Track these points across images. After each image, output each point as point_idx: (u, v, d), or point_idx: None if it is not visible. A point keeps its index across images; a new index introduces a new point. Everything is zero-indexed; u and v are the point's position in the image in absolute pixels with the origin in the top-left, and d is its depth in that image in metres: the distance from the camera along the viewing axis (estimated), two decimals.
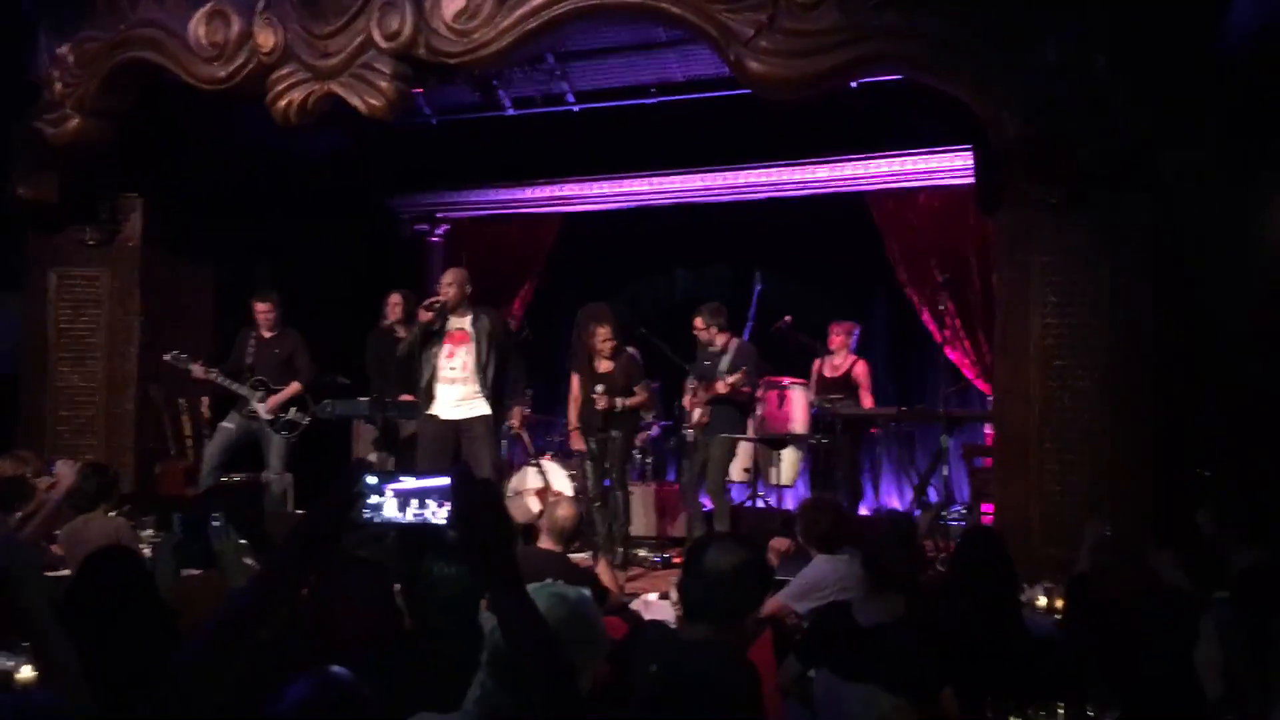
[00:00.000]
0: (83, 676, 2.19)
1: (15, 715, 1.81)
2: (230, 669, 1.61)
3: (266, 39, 6.27)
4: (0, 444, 6.76)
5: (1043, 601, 4.69)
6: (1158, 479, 5.46)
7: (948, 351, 8.79)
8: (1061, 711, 2.97)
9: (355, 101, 6.18)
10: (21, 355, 8.00)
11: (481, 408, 6.65)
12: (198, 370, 7.42)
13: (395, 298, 7.89)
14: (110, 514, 5.63)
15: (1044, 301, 5.82)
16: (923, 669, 3.40)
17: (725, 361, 7.41)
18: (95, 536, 4.76)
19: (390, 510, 1.74)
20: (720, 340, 7.46)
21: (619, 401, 6.87)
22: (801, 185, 9.46)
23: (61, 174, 7.37)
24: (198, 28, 6.49)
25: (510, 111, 9.07)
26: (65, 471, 5.18)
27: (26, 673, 3.16)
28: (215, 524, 3.24)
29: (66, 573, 4.33)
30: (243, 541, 3.24)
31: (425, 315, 6.59)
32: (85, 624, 2.45)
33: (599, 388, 6.86)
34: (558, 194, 10.34)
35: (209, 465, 7.44)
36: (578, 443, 7.82)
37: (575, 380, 7.36)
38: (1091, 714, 3.01)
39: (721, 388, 7.18)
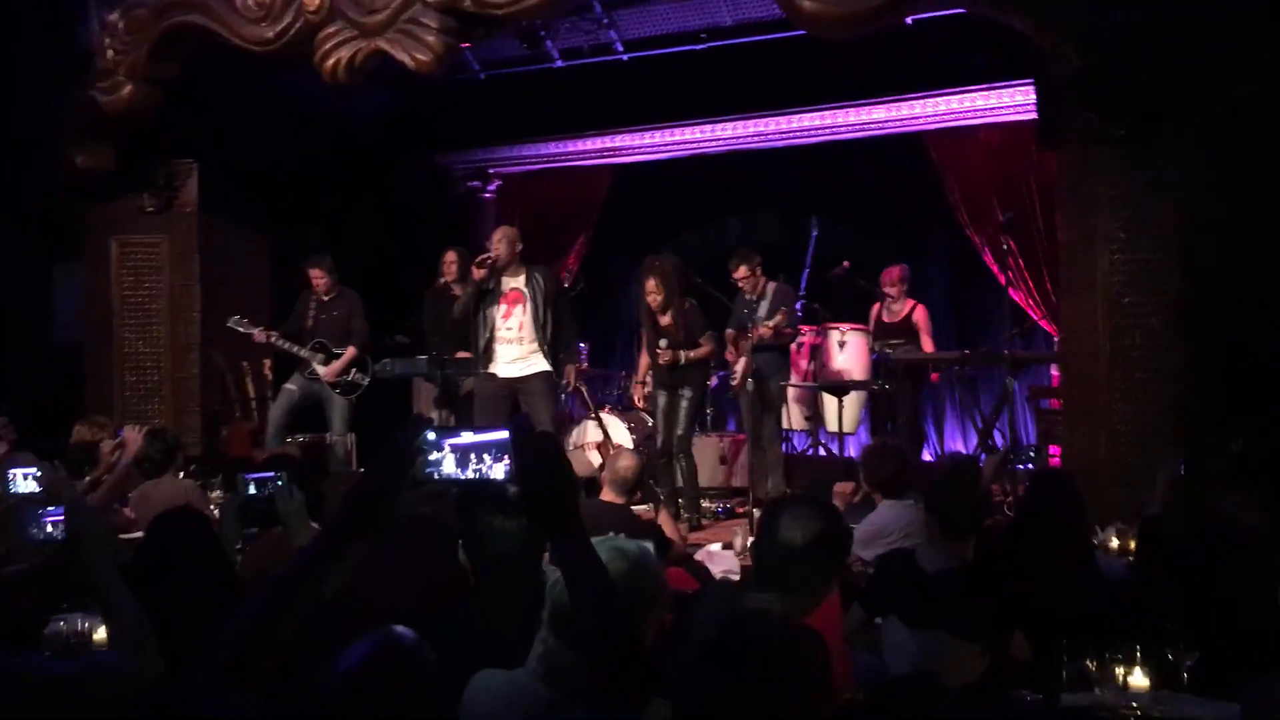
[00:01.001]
0: (150, 637, 2.21)
1: (85, 676, 1.83)
2: (288, 628, 1.60)
3: None
4: (71, 411, 6.89)
5: (1115, 543, 4.62)
6: (1231, 416, 5.31)
7: (1011, 293, 8.62)
8: (1139, 654, 2.91)
9: (402, 57, 6.13)
10: (86, 323, 8.14)
11: (539, 364, 6.65)
12: (259, 334, 7.50)
13: (450, 256, 7.89)
14: (179, 476, 5.74)
15: (1111, 238, 5.65)
16: (990, 614, 3.34)
17: (764, 307, 7.32)
18: (165, 499, 4.83)
19: (449, 466, 1.71)
20: (760, 285, 7.40)
21: (683, 355, 6.78)
22: (857, 127, 9.27)
23: (117, 142, 7.45)
24: None
25: (558, 63, 8.99)
26: (132, 436, 5.26)
27: (103, 634, 3.21)
28: (279, 484, 3.26)
29: (139, 535, 4.41)
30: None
31: (479, 273, 6.58)
32: (153, 585, 2.47)
33: (661, 342, 6.80)
34: (609, 145, 10.24)
35: (274, 427, 7.54)
36: (638, 397, 7.79)
37: (645, 335, 7.31)
38: (1170, 657, 2.95)
39: (764, 332, 7.09)
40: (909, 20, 7.16)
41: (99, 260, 7.99)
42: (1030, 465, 7.26)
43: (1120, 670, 2.89)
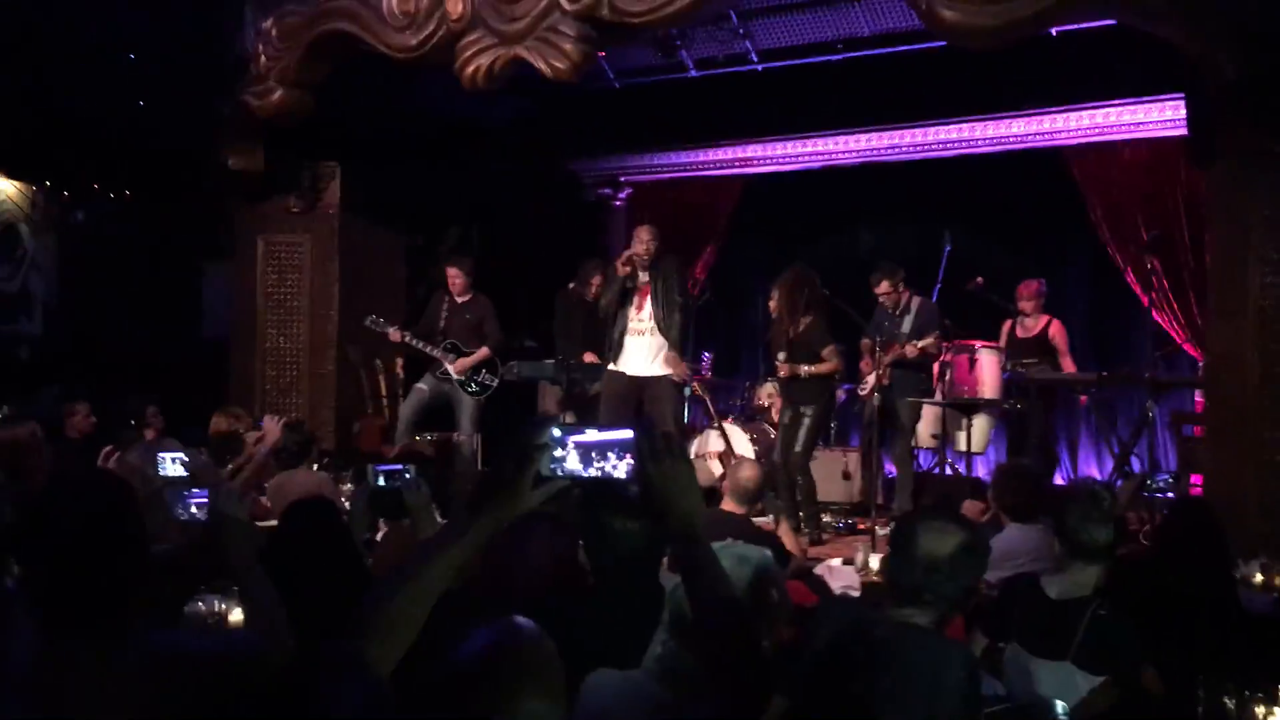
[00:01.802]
0: (283, 619, 2.29)
1: (221, 654, 1.91)
2: (416, 615, 1.64)
3: (455, 6, 6.38)
4: (216, 403, 7.19)
5: (1259, 578, 4.41)
6: None
7: (1154, 314, 8.31)
8: None
9: (540, 65, 6.22)
10: (233, 319, 8.49)
11: (666, 366, 6.70)
12: (394, 333, 7.68)
13: (598, 278, 7.88)
14: (313, 468, 5.93)
15: (1265, 259, 5.39)
16: (1119, 646, 3.21)
17: (908, 322, 7.19)
18: (299, 489, 4.99)
19: (573, 464, 1.71)
20: (903, 299, 7.28)
21: (802, 369, 6.69)
22: (995, 141, 9.06)
23: (266, 144, 7.75)
24: None
25: (693, 73, 9.02)
26: (271, 427, 5.46)
27: (238, 615, 3.34)
28: (407, 477, 3.33)
29: (274, 523, 4.58)
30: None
31: (623, 269, 6.67)
32: (285, 570, 2.56)
33: (780, 355, 6.74)
34: (741, 155, 10.22)
35: (404, 424, 7.72)
36: (775, 408, 7.75)
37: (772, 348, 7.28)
38: None
39: (912, 352, 6.97)
40: (1053, 31, 6.97)
41: (246, 259, 8.32)
42: (1170, 494, 6.97)
43: (1262, 710, 2.76)
